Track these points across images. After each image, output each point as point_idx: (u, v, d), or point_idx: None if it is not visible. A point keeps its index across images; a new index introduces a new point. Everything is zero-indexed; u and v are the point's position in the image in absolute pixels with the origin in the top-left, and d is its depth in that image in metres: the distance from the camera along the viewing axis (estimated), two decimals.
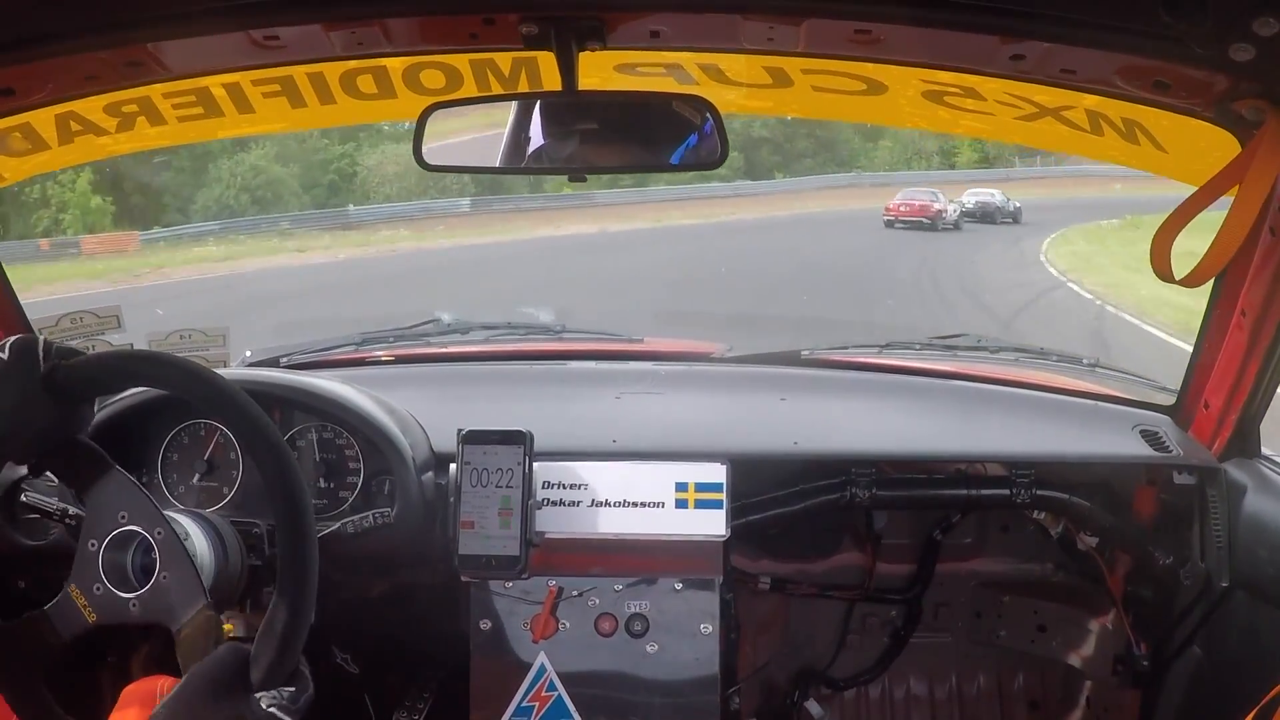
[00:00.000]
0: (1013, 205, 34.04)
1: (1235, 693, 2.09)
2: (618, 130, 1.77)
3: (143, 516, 1.55)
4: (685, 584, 2.15)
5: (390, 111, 2.08)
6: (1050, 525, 2.43)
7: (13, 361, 1.49)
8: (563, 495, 2.10)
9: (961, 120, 1.99)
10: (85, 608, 1.54)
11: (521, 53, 1.86)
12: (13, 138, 1.94)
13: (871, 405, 2.52)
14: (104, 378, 1.58)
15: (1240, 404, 2.14)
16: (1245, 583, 2.12)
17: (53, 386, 1.50)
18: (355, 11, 1.57)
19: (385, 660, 2.54)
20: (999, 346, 2.75)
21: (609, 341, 2.92)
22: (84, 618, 1.54)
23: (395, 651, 2.50)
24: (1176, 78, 1.55)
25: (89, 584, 1.54)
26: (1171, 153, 1.90)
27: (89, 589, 1.54)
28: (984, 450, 2.31)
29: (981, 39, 1.54)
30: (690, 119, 1.76)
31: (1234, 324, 2.02)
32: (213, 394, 1.54)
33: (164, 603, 1.52)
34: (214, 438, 2.16)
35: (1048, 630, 2.66)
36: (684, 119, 1.77)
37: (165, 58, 1.68)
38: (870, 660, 2.75)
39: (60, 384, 1.51)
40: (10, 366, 1.48)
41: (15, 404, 1.49)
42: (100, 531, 1.55)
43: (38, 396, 1.49)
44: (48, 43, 1.53)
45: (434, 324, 2.97)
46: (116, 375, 1.61)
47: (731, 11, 1.56)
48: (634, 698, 2.15)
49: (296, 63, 1.86)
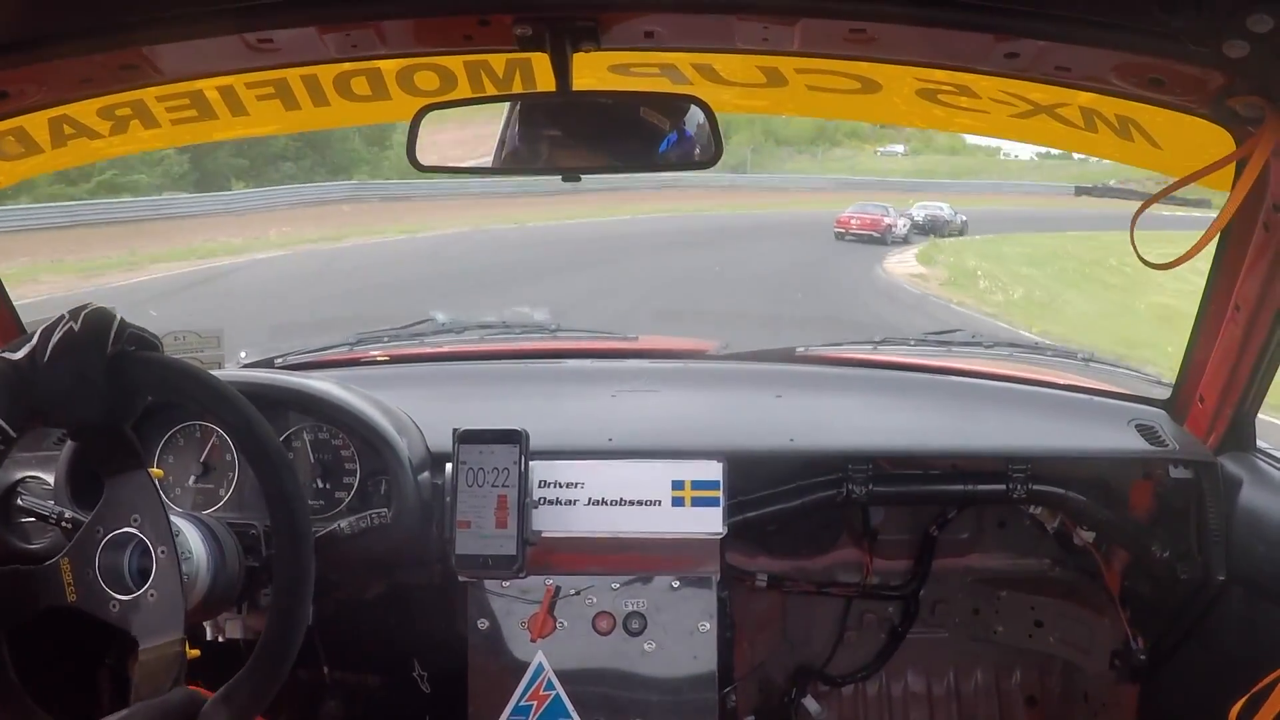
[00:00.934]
0: (960, 219, 34.50)
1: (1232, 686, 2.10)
2: (611, 131, 1.77)
3: (153, 528, 1.54)
4: (682, 582, 2.15)
5: (384, 113, 2.07)
6: (1047, 520, 2.44)
7: (82, 334, 1.46)
8: (559, 494, 2.10)
9: (956, 118, 1.99)
10: (69, 585, 1.54)
11: (515, 54, 1.86)
12: (6, 141, 1.93)
13: (867, 401, 2.53)
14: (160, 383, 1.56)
15: (1235, 398, 2.15)
16: (1242, 576, 2.13)
17: (116, 371, 1.48)
18: (349, 14, 1.57)
19: (382, 661, 2.55)
20: (993, 342, 2.76)
21: (604, 340, 2.93)
22: (64, 594, 1.54)
23: (392, 651, 2.50)
24: (1171, 74, 1.55)
25: (81, 566, 1.54)
26: (1166, 149, 1.90)
27: (80, 570, 1.54)
28: (980, 446, 2.31)
29: (976, 37, 1.55)
30: (684, 119, 1.76)
31: (1228, 318, 2.03)
32: (208, 396, 1.54)
33: (141, 618, 1.51)
34: (210, 439, 2.16)
35: (1045, 625, 2.67)
36: (677, 119, 1.77)
37: (159, 61, 1.68)
38: (868, 657, 2.75)
39: (123, 371, 1.48)
40: (79, 339, 1.46)
41: (74, 379, 1.46)
42: (110, 524, 1.55)
43: (98, 377, 1.47)
44: (42, 46, 1.53)
45: (429, 323, 2.97)
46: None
47: (726, 12, 1.56)
48: (632, 696, 2.15)
49: (290, 65, 1.85)
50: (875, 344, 2.74)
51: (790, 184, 47.23)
